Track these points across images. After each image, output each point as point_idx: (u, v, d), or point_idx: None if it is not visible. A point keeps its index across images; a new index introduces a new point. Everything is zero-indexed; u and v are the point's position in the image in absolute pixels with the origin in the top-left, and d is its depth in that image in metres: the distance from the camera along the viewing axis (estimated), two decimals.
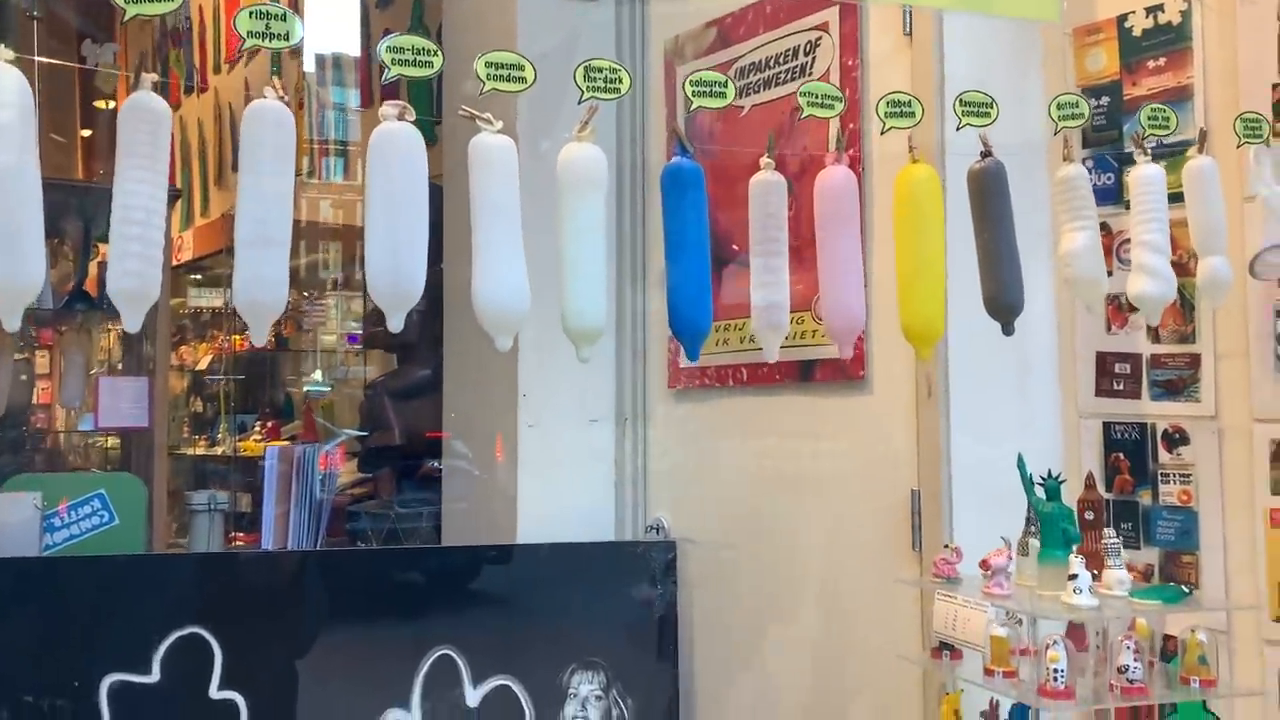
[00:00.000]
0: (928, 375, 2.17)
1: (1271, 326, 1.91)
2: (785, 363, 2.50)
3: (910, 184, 1.34)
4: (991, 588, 1.62)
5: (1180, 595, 1.55)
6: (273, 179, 1.01)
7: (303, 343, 4.71)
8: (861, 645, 2.31)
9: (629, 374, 2.88)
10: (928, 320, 1.30)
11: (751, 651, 2.59)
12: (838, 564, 2.38)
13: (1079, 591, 1.52)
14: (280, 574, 2.62)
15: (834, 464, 2.41)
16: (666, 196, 1.20)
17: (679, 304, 1.19)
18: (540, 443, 2.77)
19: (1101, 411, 2.14)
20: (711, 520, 2.71)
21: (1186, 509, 2.02)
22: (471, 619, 2.61)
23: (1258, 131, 1.49)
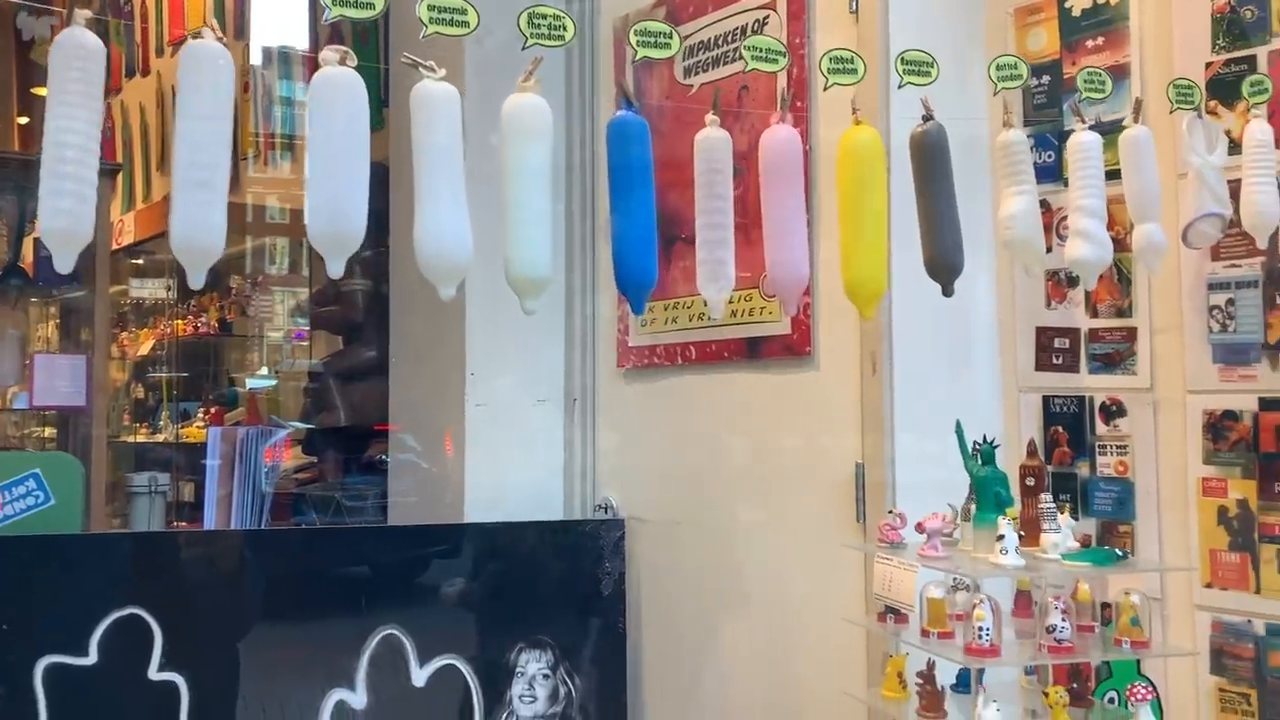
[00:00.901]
0: (872, 351, 2.20)
1: (1205, 301, 1.96)
2: (733, 340, 2.51)
3: (853, 145, 1.35)
4: (926, 550, 1.65)
5: (1112, 558, 1.58)
6: (210, 121, 0.99)
7: (248, 328, 4.64)
8: (808, 615, 2.33)
9: (578, 354, 2.88)
10: (870, 280, 1.32)
11: (700, 627, 2.60)
12: (784, 538, 2.40)
13: (1005, 552, 1.54)
14: (222, 554, 2.57)
15: (781, 439, 2.43)
16: (612, 150, 1.20)
17: (624, 257, 1.19)
18: (488, 422, 2.76)
19: (1041, 385, 2.18)
20: (660, 498, 2.72)
21: (1123, 480, 2.06)
22: (417, 599, 2.59)
23: (1189, 98, 1.52)
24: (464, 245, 1.11)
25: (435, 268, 1.12)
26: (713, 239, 1.24)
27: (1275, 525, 1.86)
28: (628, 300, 1.25)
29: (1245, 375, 1.90)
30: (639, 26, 1.12)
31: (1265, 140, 1.64)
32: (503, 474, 2.76)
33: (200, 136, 1.00)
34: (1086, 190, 1.49)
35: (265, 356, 4.86)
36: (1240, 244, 1.91)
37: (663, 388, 2.71)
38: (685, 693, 2.64)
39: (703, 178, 1.24)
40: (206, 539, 2.63)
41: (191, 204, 1.00)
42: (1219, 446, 1.93)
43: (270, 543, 2.63)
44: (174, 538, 2.81)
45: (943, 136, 1.37)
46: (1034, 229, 1.41)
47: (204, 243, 1.00)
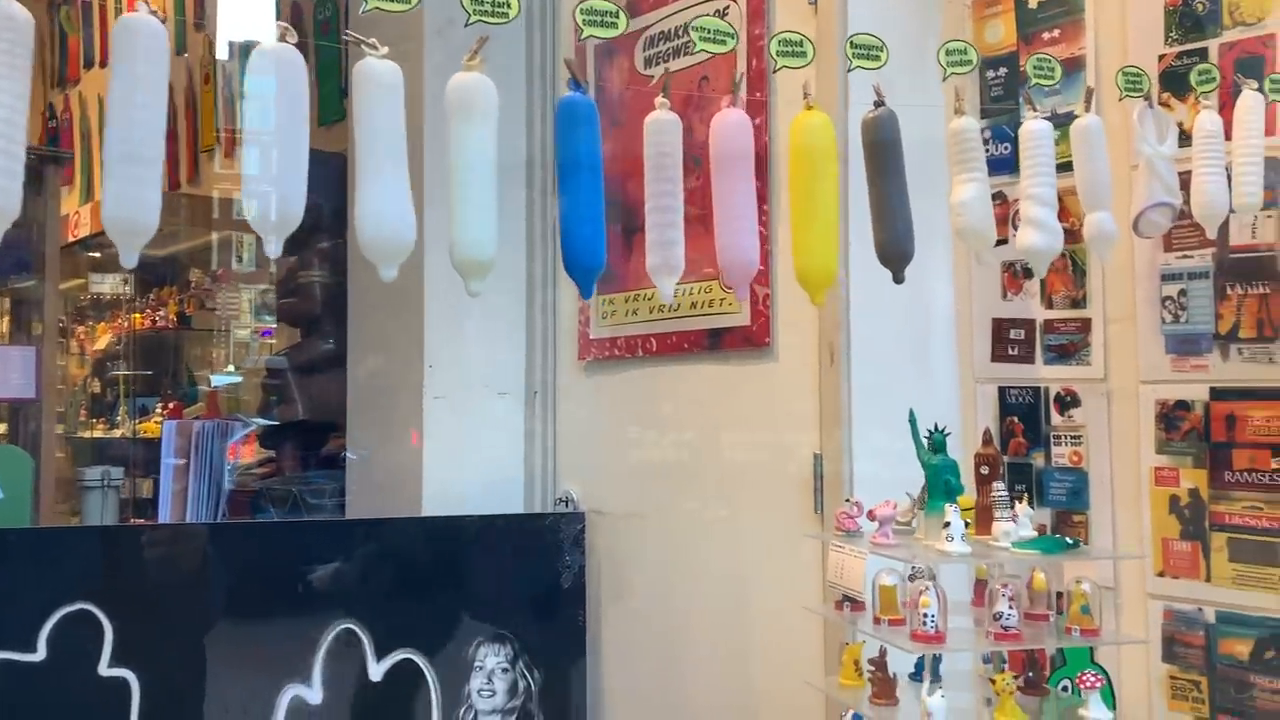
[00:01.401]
0: (830, 342, 2.20)
1: (1157, 292, 1.97)
2: (693, 332, 2.51)
3: (804, 130, 1.35)
4: (878, 537, 1.65)
5: (1061, 545, 1.58)
6: (144, 94, 0.97)
7: (208, 323, 4.58)
8: (768, 605, 2.33)
9: (539, 346, 2.87)
10: (820, 266, 1.31)
11: (660, 619, 2.59)
12: (744, 529, 2.39)
13: (951, 540, 1.55)
14: (175, 548, 2.53)
15: (741, 431, 2.43)
16: (560, 131, 1.18)
17: (571, 239, 1.17)
18: (447, 415, 2.74)
19: (997, 376, 2.19)
20: (621, 491, 2.71)
21: (1077, 470, 2.08)
22: (375, 592, 2.56)
23: (1138, 85, 1.53)
24: (406, 226, 1.09)
25: (376, 249, 1.10)
26: (662, 223, 1.23)
27: (1225, 514, 1.88)
28: (576, 284, 1.23)
29: (1197, 365, 1.92)
30: (584, 5, 1.11)
31: (1214, 131, 1.65)
32: (462, 467, 2.74)
33: (134, 111, 0.97)
34: (1037, 179, 1.49)
35: (233, 353, 4.80)
36: (1192, 235, 1.93)
37: (624, 380, 2.70)
38: (645, 685, 2.63)
39: (652, 161, 1.23)
40: (158, 533, 2.59)
41: (124, 180, 0.98)
42: (1171, 436, 1.95)
43: (224, 537, 2.59)
44: (125, 532, 2.77)
45: (893, 122, 1.37)
46: (984, 216, 1.41)
47: (137, 220, 0.98)
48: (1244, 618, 1.85)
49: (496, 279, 2.77)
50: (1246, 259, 1.86)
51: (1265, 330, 1.83)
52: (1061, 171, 2.07)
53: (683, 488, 2.54)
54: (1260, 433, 1.84)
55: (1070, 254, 2.09)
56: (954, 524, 1.54)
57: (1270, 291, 1.83)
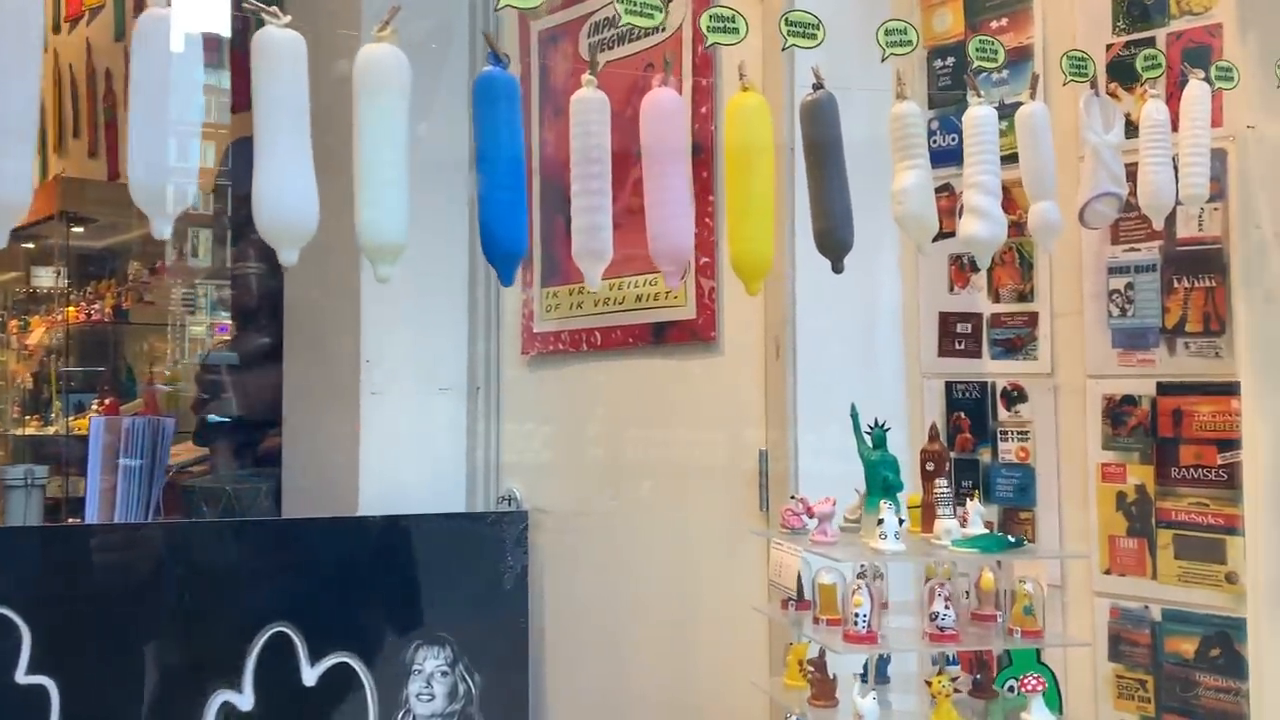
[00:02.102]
0: (775, 336, 2.15)
1: (1104, 285, 1.94)
2: (638, 326, 2.45)
3: (739, 112, 1.29)
4: (817, 535, 1.60)
5: (1002, 544, 1.54)
6: (14, 62, 0.89)
7: (146, 315, 4.45)
8: (714, 605, 2.28)
9: (481, 340, 2.79)
10: (756, 254, 1.25)
11: (605, 619, 2.53)
12: (690, 527, 2.34)
13: (884, 537, 1.50)
14: (98, 549, 2.43)
15: (686, 427, 2.37)
16: (478, 109, 1.11)
17: (490, 222, 1.11)
18: (385, 412, 2.66)
19: (944, 371, 2.15)
20: (565, 489, 2.64)
21: (1024, 466, 2.04)
22: (309, 594, 2.48)
23: (1083, 70, 1.49)
24: (308, 206, 1.02)
25: (276, 231, 1.03)
26: (588, 206, 1.16)
27: (1172, 510, 1.85)
28: (495, 270, 1.17)
29: (1144, 360, 1.89)
30: None
31: (1161, 120, 1.62)
32: (401, 465, 2.66)
33: (4, 77, 0.89)
34: (981, 166, 1.45)
35: (187, 349, 4.66)
36: (1139, 227, 1.90)
37: (568, 375, 2.63)
38: (590, 687, 2.57)
39: (577, 140, 1.17)
40: (81, 534, 2.49)
41: None
42: (1118, 432, 1.92)
43: (150, 537, 2.49)
44: (44, 532, 2.66)
45: (832, 106, 1.31)
46: (926, 204, 1.37)
47: (4, 196, 0.90)
48: (1190, 615, 1.83)
49: (437, 271, 2.69)
50: (1193, 252, 1.83)
51: (1212, 324, 1.81)
52: (1007, 164, 2.04)
53: (627, 485, 2.48)
54: (1207, 428, 1.81)
55: (1017, 247, 2.06)
56: (888, 521, 1.49)
57: (1217, 285, 1.80)
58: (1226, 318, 1.78)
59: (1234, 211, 1.77)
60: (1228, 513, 1.78)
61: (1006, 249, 2.07)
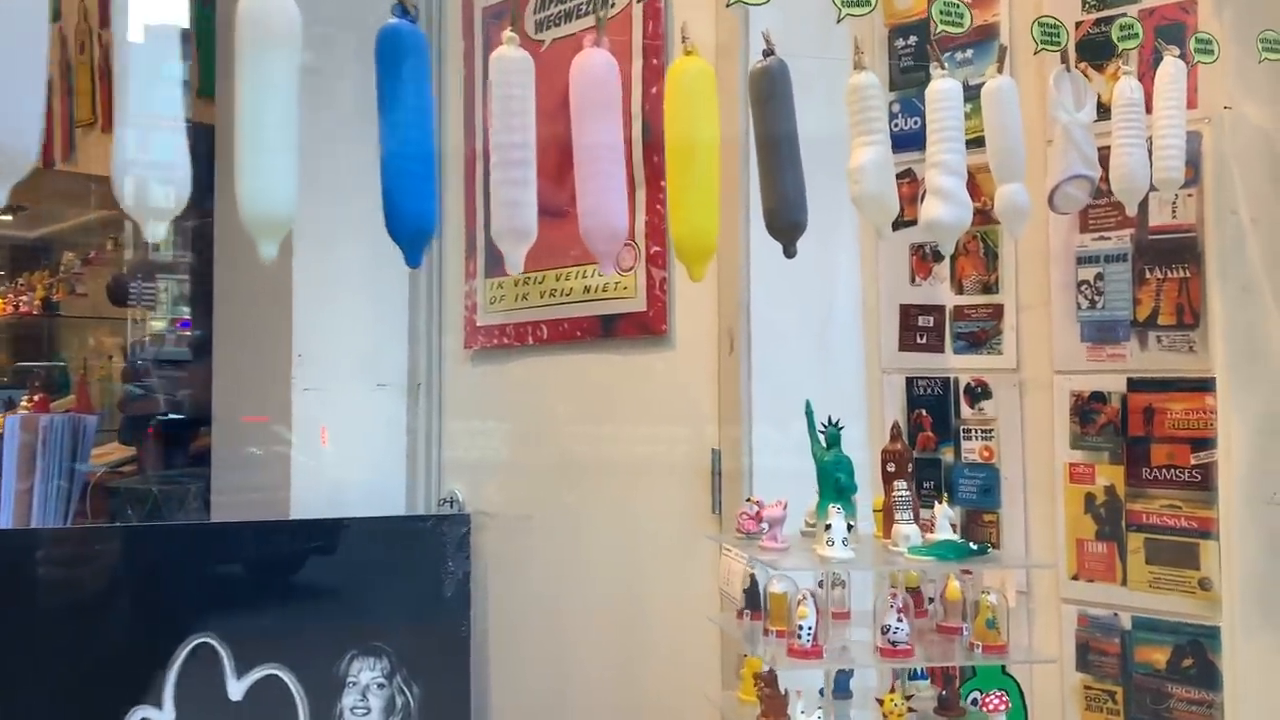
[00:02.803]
0: (729, 329, 2.03)
1: (1073, 276, 1.85)
2: (586, 318, 2.32)
3: (680, 78, 1.16)
4: (766, 541, 1.49)
5: (964, 551, 1.43)
6: None
7: (79, 308, 4.25)
8: (665, 613, 2.16)
9: (422, 333, 2.65)
10: (698, 234, 1.13)
11: (551, 627, 2.40)
12: (640, 531, 2.22)
13: (831, 544, 1.39)
14: (8, 556, 2.27)
15: (637, 425, 2.25)
16: (380, 66, 0.98)
17: (393, 195, 0.98)
18: (319, 410, 2.51)
19: (905, 366, 2.05)
20: (509, 490, 2.51)
21: (988, 466, 1.94)
22: (236, 603, 2.33)
23: (1055, 38, 1.39)
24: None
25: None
26: (508, 179, 1.03)
27: (1143, 513, 1.76)
28: (401, 250, 1.04)
29: (1114, 354, 1.79)
30: None
31: (1135, 100, 1.52)
32: (336, 466, 2.52)
33: None
34: (945, 144, 1.34)
35: (129, 343, 4.46)
36: (1109, 215, 1.80)
37: (512, 370, 2.50)
38: (534, 699, 2.44)
39: (498, 105, 1.04)
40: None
41: None
42: (1086, 430, 1.82)
43: (66, 542, 2.32)
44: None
45: (783, 74, 1.20)
46: (885, 183, 1.25)
47: None
48: (1161, 623, 1.74)
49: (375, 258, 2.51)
50: (1166, 240, 1.74)
51: (1185, 317, 1.71)
52: (972, 148, 1.94)
53: (575, 487, 2.36)
54: (1180, 426, 1.72)
55: (981, 235, 1.96)
56: (835, 527, 1.38)
57: (1191, 275, 1.71)
58: (1201, 310, 1.69)
59: (1209, 197, 1.68)
60: (1201, 515, 1.69)
61: (970, 237, 1.97)
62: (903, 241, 2.06)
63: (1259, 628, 1.64)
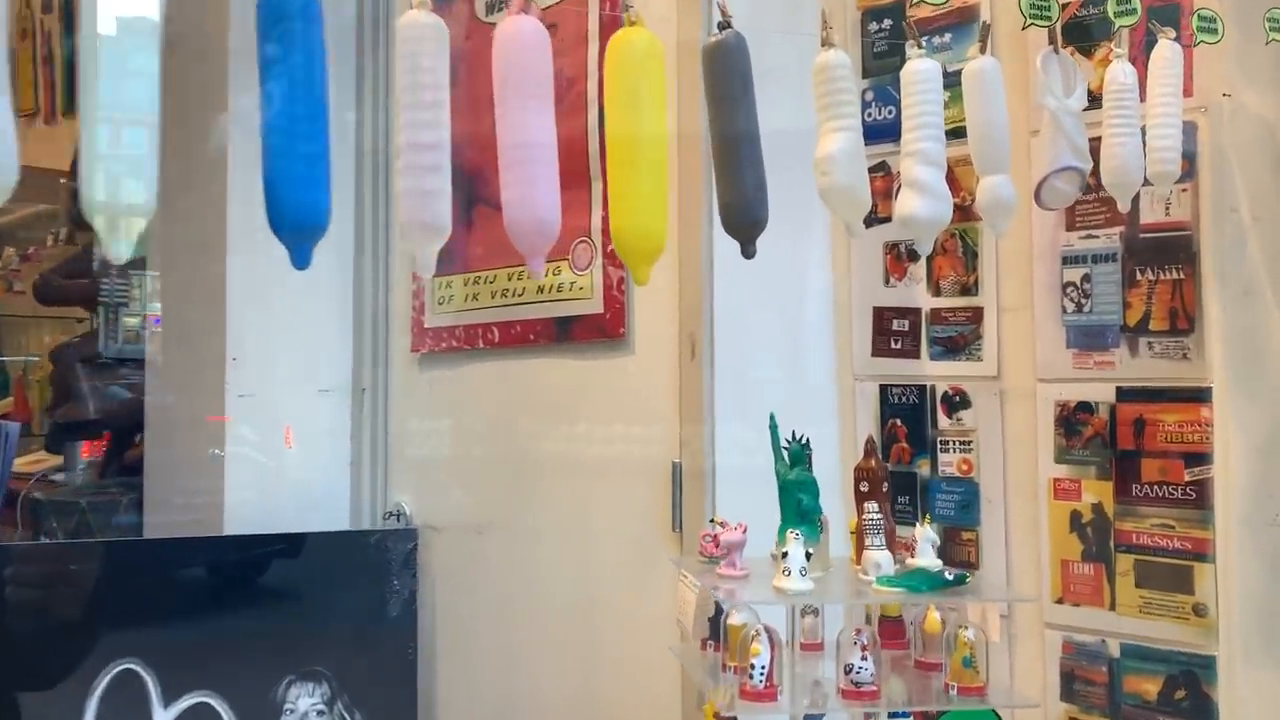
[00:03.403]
0: (691, 333, 1.89)
1: (1058, 277, 1.72)
2: (540, 320, 2.17)
3: (622, 52, 1.01)
4: (724, 569, 1.35)
5: (937, 582, 1.29)
6: None
7: (16, 307, 4.05)
8: (621, 636, 2.02)
9: (368, 335, 2.49)
10: (643, 231, 0.98)
11: (502, 651, 2.25)
12: (597, 549, 2.08)
13: (788, 574, 1.25)
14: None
15: (593, 435, 2.11)
16: (261, 32, 0.83)
17: (276, 183, 0.83)
18: (256, 417, 2.35)
19: (878, 373, 1.92)
20: (459, 504, 2.36)
21: (967, 480, 1.81)
22: (163, 625, 2.17)
23: (1045, 12, 1.26)
24: None
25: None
26: (416, 164, 0.88)
27: (1133, 533, 1.63)
28: (286, 248, 0.89)
29: (1102, 362, 1.67)
30: None
31: (1128, 84, 1.39)
32: (274, 477, 2.36)
33: None
34: (922, 132, 1.20)
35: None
36: (1097, 212, 1.67)
37: (462, 375, 2.35)
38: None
39: (405, 78, 0.89)
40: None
41: None
42: (1072, 443, 1.69)
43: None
44: None
45: (741, 49, 1.05)
46: (856, 175, 1.11)
47: None
48: (1152, 652, 1.61)
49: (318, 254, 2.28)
50: (1159, 239, 1.61)
51: (1179, 322, 1.59)
52: (952, 139, 1.81)
53: (528, 501, 2.21)
54: (1173, 440, 1.59)
55: (961, 233, 1.83)
56: (792, 555, 1.24)
57: (1185, 277, 1.58)
58: (1196, 314, 1.57)
59: (1206, 193, 1.55)
60: (1196, 536, 1.57)
61: (948, 236, 1.84)
62: (876, 239, 1.93)
63: (1258, 658, 1.52)
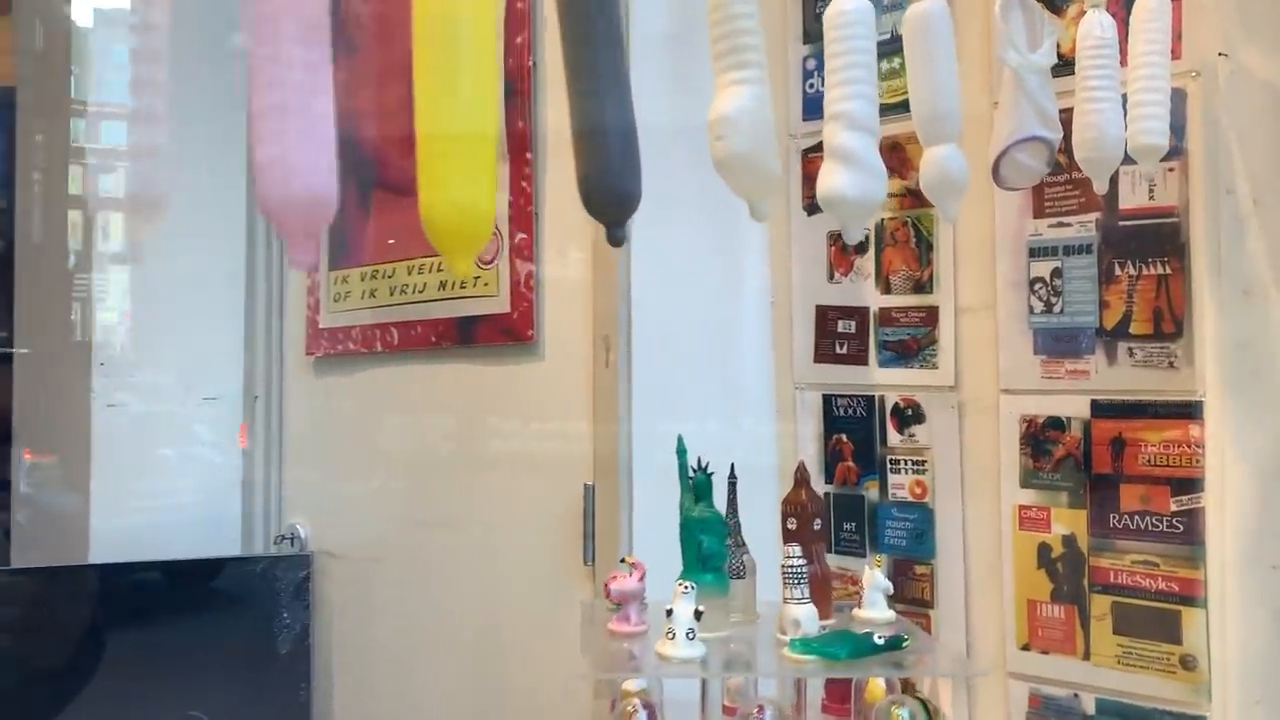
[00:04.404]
0: (605, 335, 1.64)
1: (1025, 272, 1.48)
2: (442, 321, 1.92)
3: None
4: (617, 622, 1.10)
5: (864, 648, 1.05)
6: None
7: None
8: (529, 680, 1.77)
9: (261, 337, 2.23)
10: (457, 204, 0.72)
11: (404, 692, 2.00)
12: (503, 582, 1.83)
13: (671, 636, 1.01)
14: None
15: (500, 453, 1.85)
16: None
17: None
18: (128, 429, 2.08)
19: (821, 381, 1.67)
20: (359, 527, 2.10)
21: (920, 505, 1.57)
22: (13, 668, 1.90)
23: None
24: None
25: None
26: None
27: (1110, 570, 1.40)
28: None
29: (1075, 370, 1.43)
30: None
31: (1106, 38, 1.15)
32: (149, 499, 2.09)
33: None
34: (848, 89, 0.95)
35: None
36: (1070, 195, 1.43)
37: (360, 382, 2.09)
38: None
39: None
40: None
41: None
42: (1040, 464, 1.46)
43: None
44: None
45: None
46: (760, 140, 0.86)
47: None
48: (1133, 709, 1.38)
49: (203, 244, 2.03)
50: (1142, 227, 1.37)
51: (1165, 324, 1.35)
52: (898, 112, 1.57)
53: (432, 527, 1.95)
54: (1157, 462, 1.36)
55: (913, 221, 1.59)
56: (677, 614, 1.00)
57: (1173, 272, 1.34)
58: (1185, 316, 1.33)
59: (1198, 172, 1.31)
60: (1184, 576, 1.33)
61: (900, 224, 1.59)
62: (819, 229, 1.68)
63: None
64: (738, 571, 1.30)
